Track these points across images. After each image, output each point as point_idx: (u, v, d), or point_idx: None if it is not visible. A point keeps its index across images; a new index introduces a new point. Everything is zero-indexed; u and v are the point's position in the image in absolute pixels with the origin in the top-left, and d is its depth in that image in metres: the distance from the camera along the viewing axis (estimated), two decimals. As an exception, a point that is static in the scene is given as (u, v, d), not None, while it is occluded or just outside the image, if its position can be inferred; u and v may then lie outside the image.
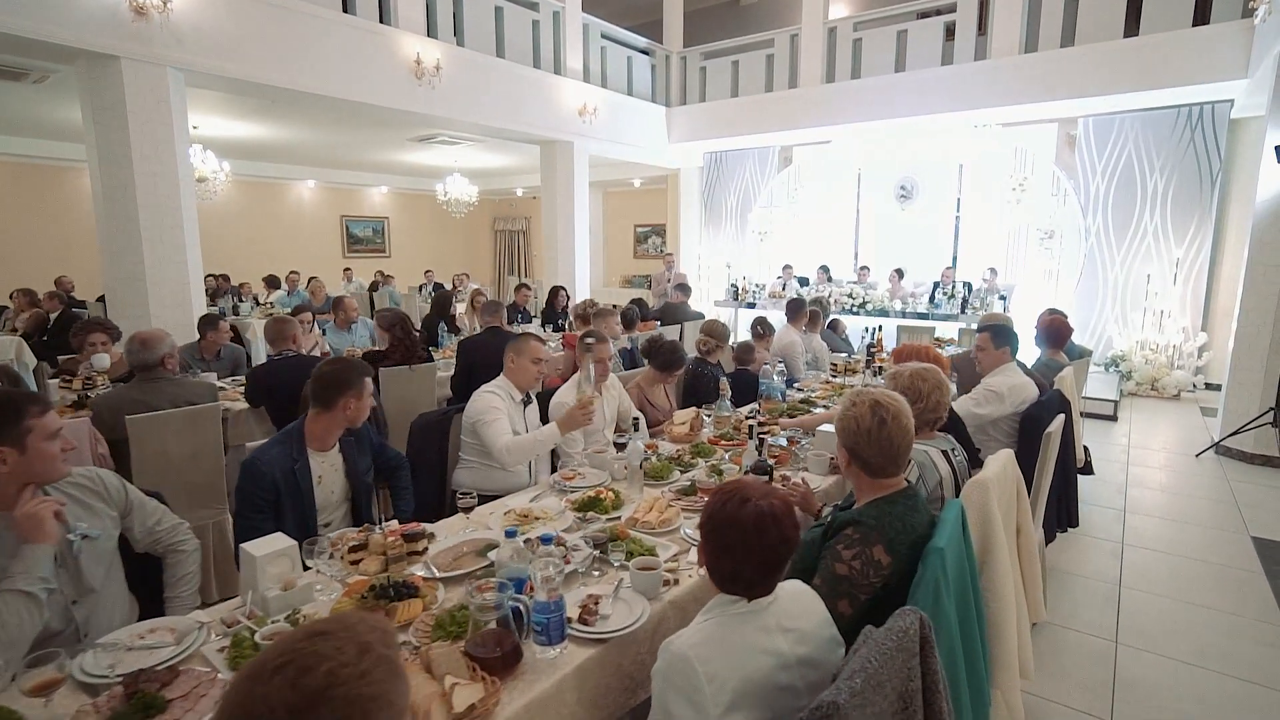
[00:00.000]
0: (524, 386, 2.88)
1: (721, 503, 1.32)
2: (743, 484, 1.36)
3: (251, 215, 13.22)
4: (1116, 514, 4.19)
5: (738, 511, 1.28)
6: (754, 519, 1.27)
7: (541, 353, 2.88)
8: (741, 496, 1.30)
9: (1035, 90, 7.54)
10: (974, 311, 7.08)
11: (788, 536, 1.29)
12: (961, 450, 2.33)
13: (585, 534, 1.97)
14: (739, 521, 1.28)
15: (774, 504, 1.29)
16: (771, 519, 1.27)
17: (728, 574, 1.32)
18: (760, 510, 1.28)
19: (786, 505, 1.32)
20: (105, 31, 5.02)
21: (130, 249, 5.38)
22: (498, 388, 2.83)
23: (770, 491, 1.33)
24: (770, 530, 1.27)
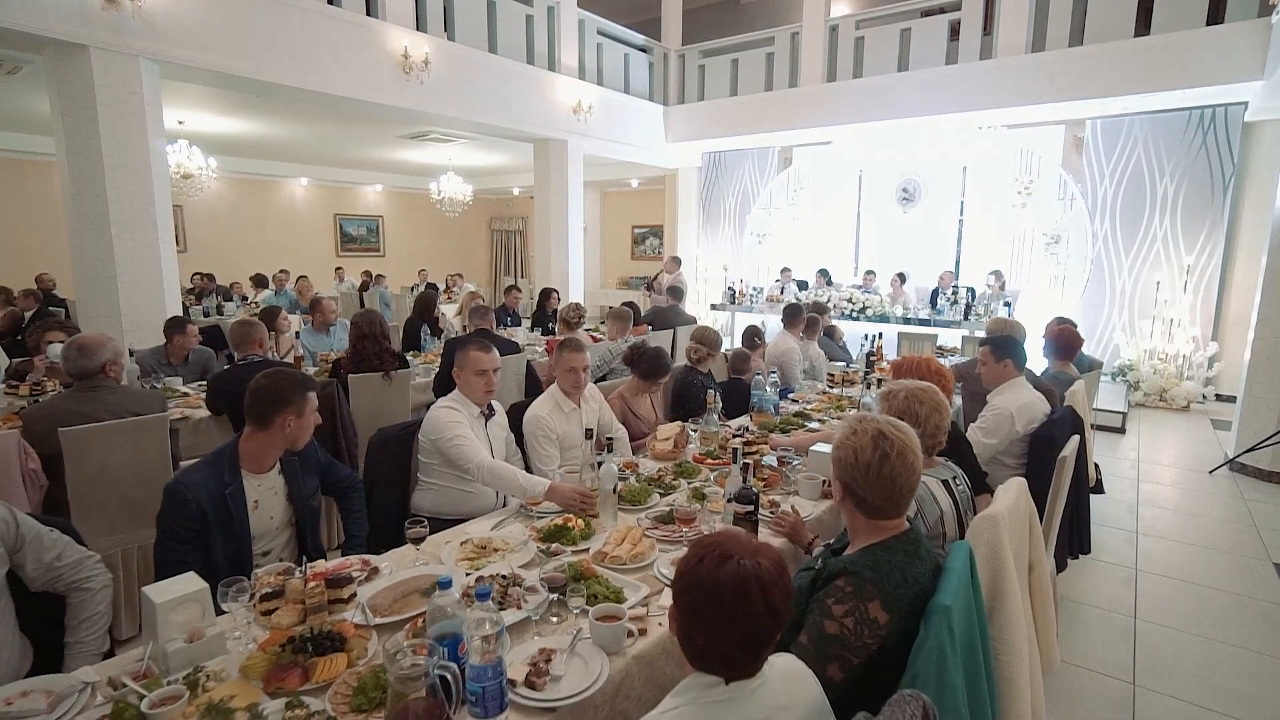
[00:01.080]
0: (477, 401, 2.63)
1: (697, 559, 1.09)
2: (725, 537, 1.13)
3: (242, 213, 13.01)
4: (1128, 536, 3.97)
5: (715, 572, 1.06)
6: (735, 583, 1.05)
7: (485, 363, 2.57)
8: (722, 553, 1.08)
9: (1041, 91, 7.32)
10: (978, 318, 6.85)
11: (776, 608, 1.06)
12: (964, 478, 2.11)
13: (544, 572, 1.75)
14: (717, 585, 1.05)
15: (761, 565, 1.07)
16: (757, 584, 1.05)
17: (701, 649, 1.09)
18: (743, 572, 1.05)
19: (778, 567, 1.09)
20: (73, 19, 4.81)
21: (99, 245, 5.17)
22: (455, 402, 2.59)
23: (758, 549, 1.10)
24: (754, 598, 1.04)
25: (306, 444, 2.19)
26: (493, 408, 2.69)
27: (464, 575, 1.84)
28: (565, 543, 2.07)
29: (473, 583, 1.76)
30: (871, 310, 7.54)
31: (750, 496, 2.02)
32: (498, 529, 2.23)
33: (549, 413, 2.89)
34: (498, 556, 1.98)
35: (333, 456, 3.47)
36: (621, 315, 5.02)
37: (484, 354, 2.58)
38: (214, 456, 1.98)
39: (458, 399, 2.59)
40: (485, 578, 1.77)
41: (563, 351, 2.98)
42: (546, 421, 2.86)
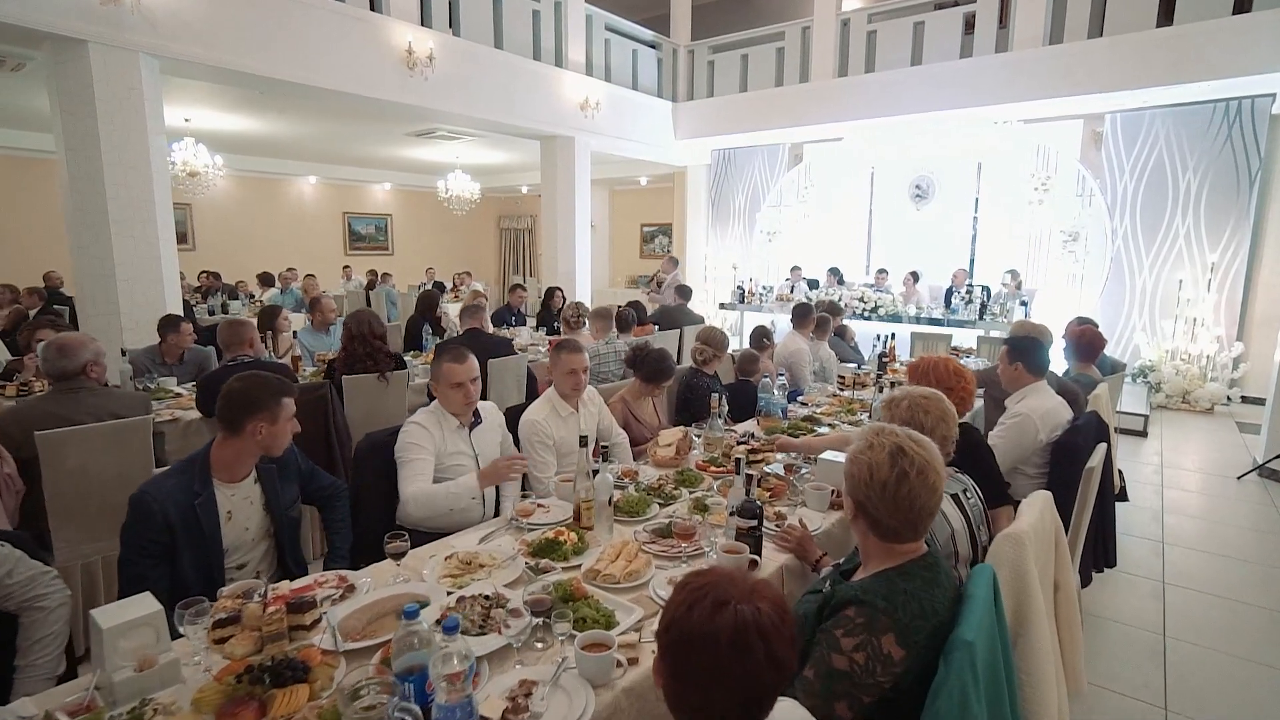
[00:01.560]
0: (456, 414, 2.45)
1: (686, 606, 0.95)
2: (717, 577, 0.99)
3: (251, 211, 13.00)
4: (1154, 546, 3.79)
5: (709, 622, 0.92)
6: (732, 634, 0.91)
7: (459, 375, 2.38)
8: (716, 598, 0.94)
9: (1059, 85, 7.12)
10: (993, 318, 6.66)
11: (779, 658, 0.92)
12: (975, 490, 1.96)
13: (530, 592, 1.63)
14: (711, 638, 0.91)
15: (761, 611, 0.93)
16: (757, 633, 0.91)
17: (694, 706, 0.95)
18: (741, 621, 0.92)
19: (779, 610, 0.95)
20: (72, 14, 4.75)
21: (98, 243, 5.10)
22: (428, 418, 2.42)
23: (755, 589, 0.97)
24: (755, 650, 0.91)
25: (286, 450, 2.08)
26: (479, 415, 2.53)
27: (445, 594, 1.72)
28: (556, 558, 1.94)
29: (454, 603, 1.64)
30: (884, 310, 7.36)
31: (754, 511, 1.89)
32: (486, 542, 2.11)
33: (545, 417, 2.77)
34: (483, 573, 1.86)
35: (326, 460, 3.40)
36: (603, 314, 4.83)
37: (457, 365, 2.38)
38: (184, 464, 1.87)
39: (433, 412, 2.44)
40: (467, 598, 1.64)
41: (560, 352, 2.86)
42: (542, 426, 2.73)
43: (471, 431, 2.49)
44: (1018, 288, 7.30)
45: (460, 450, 2.43)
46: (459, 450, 2.43)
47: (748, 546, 1.86)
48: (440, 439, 2.39)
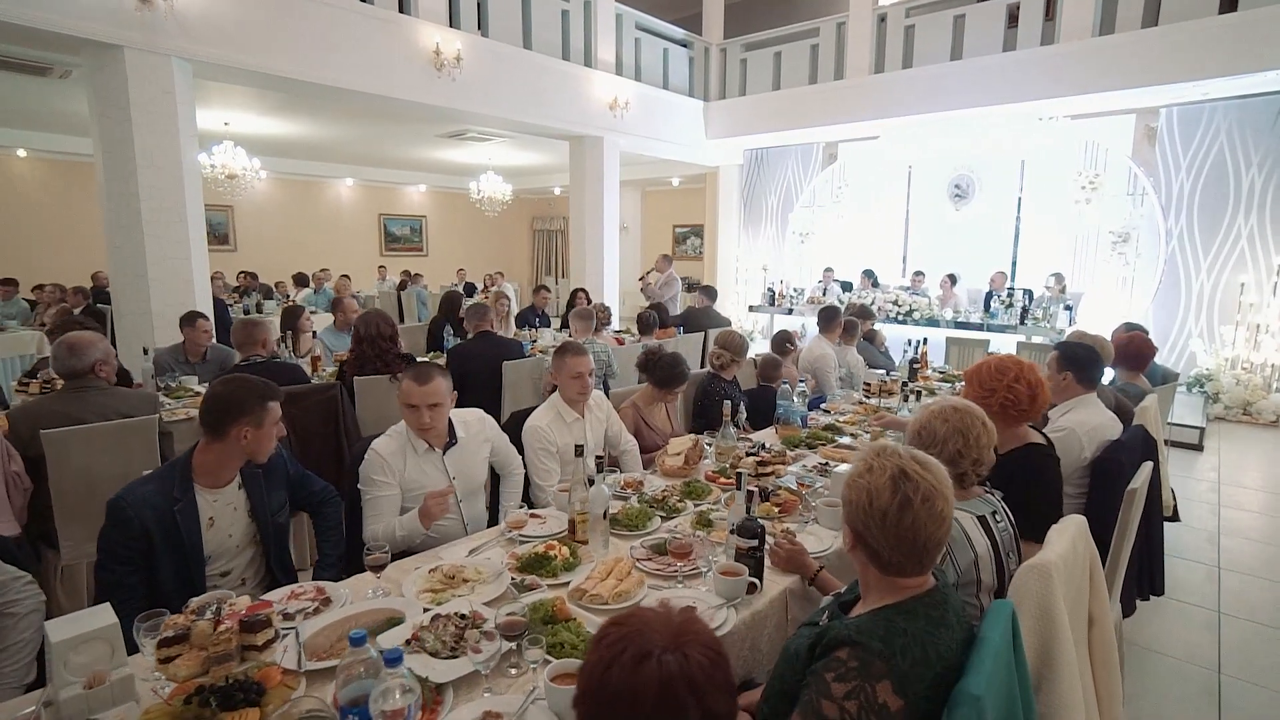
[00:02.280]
0: (419, 435, 2.25)
1: (604, 666, 0.83)
2: (638, 623, 0.86)
3: (290, 213, 13.29)
4: (1209, 572, 3.51)
5: (631, 679, 0.81)
6: (658, 691, 0.79)
7: (415, 397, 2.16)
8: (637, 651, 0.82)
9: (1110, 77, 6.75)
10: (1035, 323, 6.35)
11: (716, 713, 0.80)
12: (1006, 513, 1.79)
13: (508, 613, 1.52)
14: (633, 696, 0.80)
15: (690, 659, 0.81)
16: (687, 687, 0.79)
17: None
18: (667, 674, 0.80)
19: (713, 655, 0.83)
20: (109, 20, 4.85)
21: (131, 244, 5.21)
22: (390, 441, 2.22)
23: (682, 633, 0.84)
24: (685, 707, 0.79)
25: (273, 455, 2.03)
26: (454, 434, 2.34)
27: (421, 611, 1.63)
28: (543, 575, 1.84)
29: (428, 621, 1.55)
30: (919, 313, 7.09)
31: (754, 529, 1.75)
32: (475, 554, 2.02)
33: (549, 423, 2.67)
34: (466, 589, 1.77)
35: (335, 461, 3.37)
36: (585, 315, 4.69)
37: (415, 385, 2.17)
38: (165, 469, 1.82)
39: (398, 435, 2.25)
40: (441, 616, 1.55)
41: (565, 356, 2.76)
42: (545, 433, 2.64)
43: (446, 453, 2.31)
44: (1062, 291, 6.96)
45: (428, 476, 2.25)
46: (428, 475, 2.25)
47: (747, 568, 1.73)
48: (403, 465, 2.22)
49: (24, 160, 10.39)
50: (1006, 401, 2.17)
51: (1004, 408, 2.17)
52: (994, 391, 2.19)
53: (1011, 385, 2.18)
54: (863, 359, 4.73)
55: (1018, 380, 2.18)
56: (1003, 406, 2.17)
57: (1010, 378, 2.19)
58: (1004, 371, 2.21)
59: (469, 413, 2.55)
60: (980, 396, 2.21)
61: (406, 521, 2.13)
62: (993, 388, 2.19)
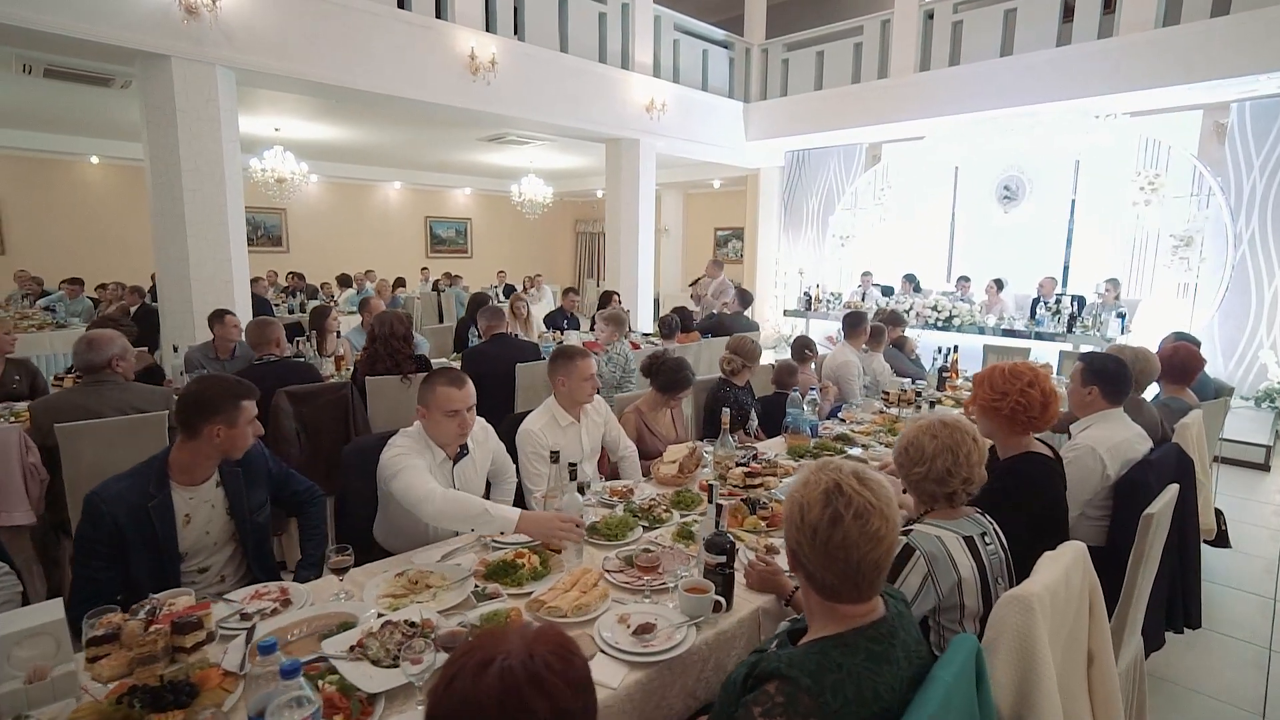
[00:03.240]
0: (445, 444, 2.21)
1: (448, 680, 0.78)
2: (485, 638, 0.81)
3: (340, 215, 13.72)
4: (1263, 605, 3.23)
5: (474, 689, 0.75)
6: (500, 695, 0.74)
7: (457, 401, 2.12)
8: (480, 659, 0.77)
9: (1175, 71, 6.34)
10: (1084, 331, 5.99)
11: (567, 711, 0.75)
12: (997, 535, 1.66)
13: (461, 623, 1.49)
14: (475, 706, 0.75)
15: (536, 657, 0.76)
16: (534, 686, 0.74)
17: None
18: (510, 678, 0.75)
19: (563, 653, 0.78)
20: (158, 31, 5.06)
21: (176, 244, 5.43)
22: (410, 441, 2.17)
23: (535, 639, 0.79)
24: (533, 708, 0.74)
25: (254, 453, 2.05)
26: (465, 447, 2.29)
27: (375, 616, 1.61)
28: (508, 583, 1.80)
29: (377, 628, 1.52)
30: (960, 319, 6.80)
31: (723, 546, 1.67)
32: (449, 558, 1.99)
33: (542, 427, 2.64)
34: (428, 595, 1.74)
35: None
36: (614, 319, 4.54)
37: (455, 390, 2.13)
38: (141, 466, 1.86)
39: (415, 439, 2.18)
40: (392, 623, 1.53)
41: (574, 359, 2.71)
42: (538, 437, 2.60)
43: (456, 465, 2.27)
44: (1116, 298, 6.56)
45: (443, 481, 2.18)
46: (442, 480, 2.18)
47: (714, 585, 1.65)
48: (427, 463, 2.16)
49: (96, 167, 11.03)
50: (1017, 407, 2.03)
51: (1014, 413, 2.04)
52: (1006, 395, 2.05)
53: (1025, 390, 2.04)
54: (889, 367, 4.54)
55: (1031, 386, 2.04)
56: (1013, 411, 2.04)
57: (1024, 382, 2.05)
58: (1018, 376, 2.08)
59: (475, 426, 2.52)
60: (991, 400, 2.08)
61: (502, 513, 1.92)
62: (1005, 391, 2.06)
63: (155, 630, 1.30)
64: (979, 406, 2.12)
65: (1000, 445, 2.14)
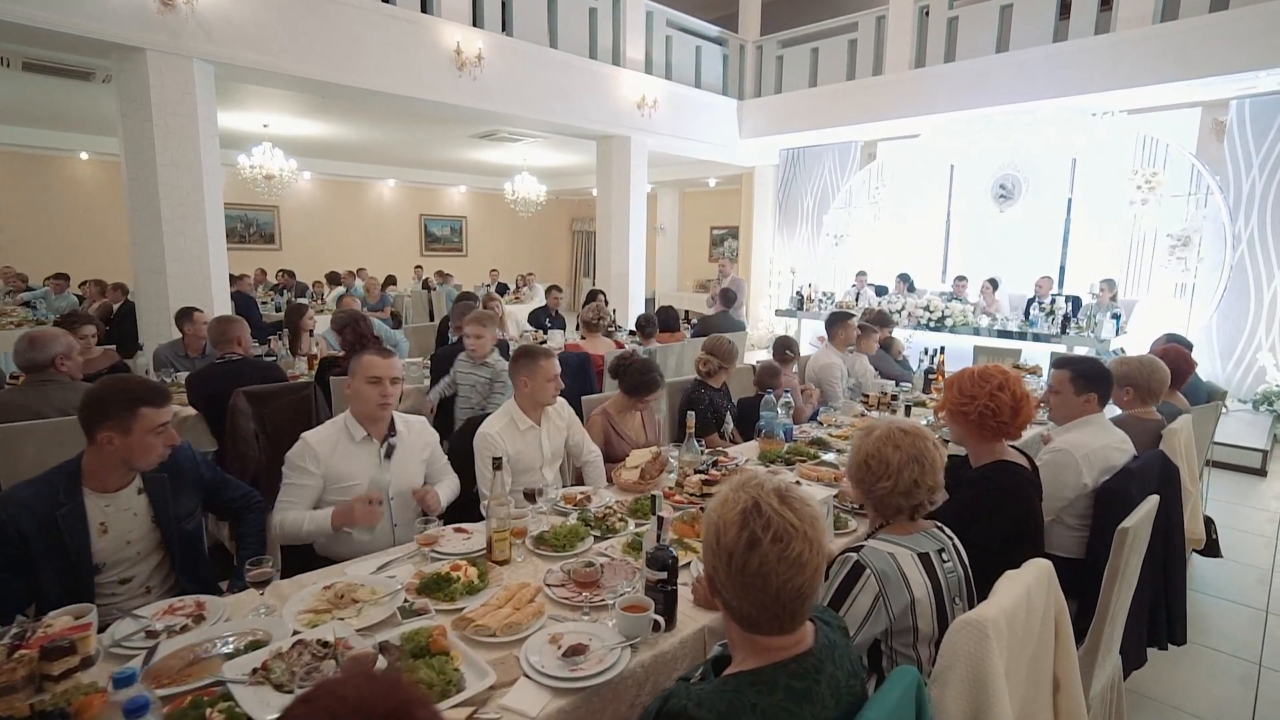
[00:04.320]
0: (368, 420, 2.20)
1: None
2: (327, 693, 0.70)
3: (334, 213, 13.62)
4: (1254, 617, 3.11)
5: None
6: None
7: (378, 369, 2.14)
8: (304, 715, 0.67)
9: (1173, 67, 6.22)
10: (1078, 332, 5.87)
11: None
12: (956, 552, 1.55)
13: (381, 643, 1.38)
14: None
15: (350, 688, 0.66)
16: None
17: None
18: None
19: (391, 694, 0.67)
20: (132, 24, 4.96)
21: (152, 241, 5.34)
22: (327, 429, 2.18)
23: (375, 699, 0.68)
24: None
25: (184, 459, 1.95)
26: (394, 429, 2.26)
27: (291, 634, 1.50)
28: (441, 598, 1.69)
29: (286, 648, 1.42)
30: (952, 320, 6.68)
31: (665, 561, 1.56)
32: (385, 569, 1.89)
33: (499, 430, 2.53)
34: (352, 610, 1.64)
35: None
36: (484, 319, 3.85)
37: (379, 359, 2.17)
38: (51, 472, 1.75)
39: (336, 425, 2.19)
40: (302, 643, 1.42)
41: (537, 359, 2.60)
42: (494, 440, 2.50)
43: (387, 454, 2.22)
44: (1112, 299, 6.43)
45: (358, 467, 2.16)
46: (358, 467, 2.17)
47: (654, 603, 1.55)
48: (331, 453, 2.13)
49: (86, 163, 10.95)
50: (986, 411, 1.92)
51: (982, 417, 1.93)
52: (974, 399, 1.95)
53: (994, 394, 1.93)
54: (874, 369, 4.43)
55: (1001, 389, 1.93)
56: (981, 416, 1.93)
57: (993, 385, 1.94)
58: (987, 379, 1.97)
59: (412, 416, 2.44)
60: (959, 404, 1.97)
61: (317, 518, 2.05)
62: (973, 394, 1.95)
63: (18, 657, 1.19)
64: (948, 411, 2.02)
65: (972, 453, 2.04)
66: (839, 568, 1.45)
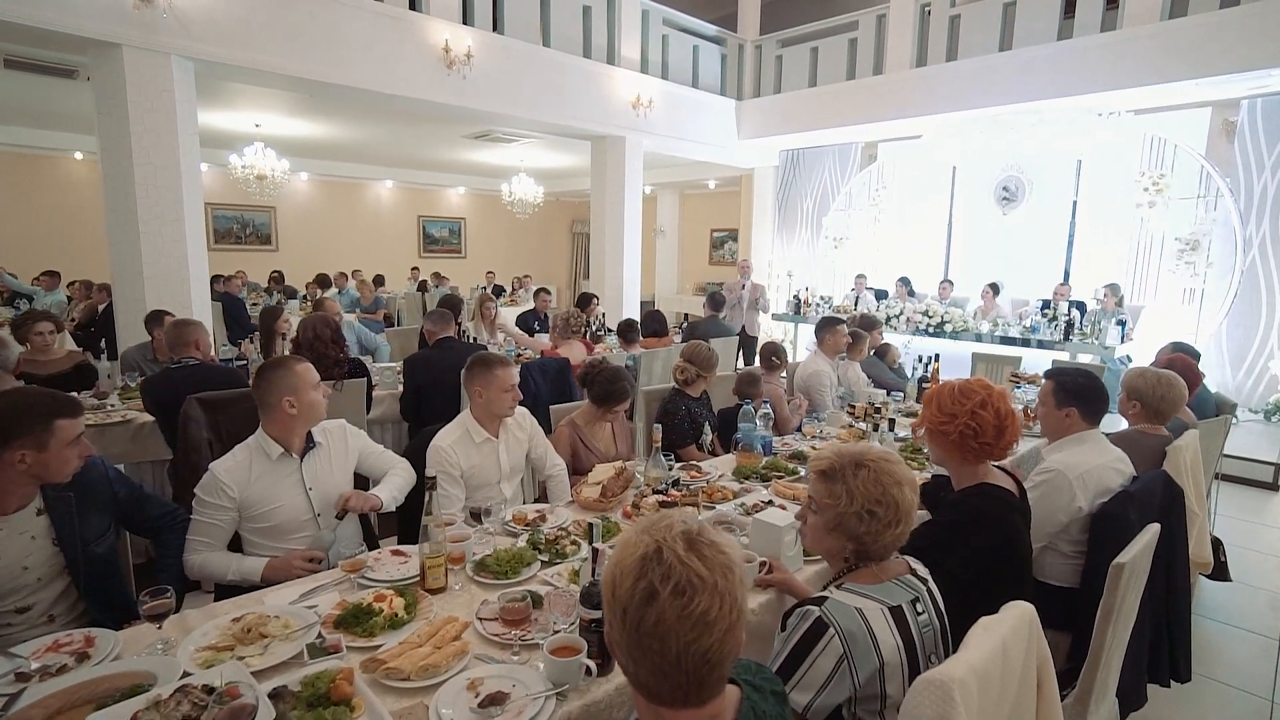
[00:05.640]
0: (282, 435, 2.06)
1: None
2: None
3: (331, 214, 13.51)
4: (1265, 646, 2.92)
5: None
6: None
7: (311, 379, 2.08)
8: None
9: (1181, 65, 6.02)
10: (1082, 339, 5.67)
11: None
12: (930, 599, 1.37)
13: (282, 686, 1.22)
14: None
15: None
16: None
17: None
18: None
19: None
20: (107, 19, 4.84)
21: (128, 241, 5.21)
22: (243, 451, 2.03)
23: None
24: None
25: (96, 475, 1.80)
26: (313, 441, 2.14)
27: (179, 677, 1.35)
28: (359, 633, 1.53)
29: (167, 694, 1.26)
30: (952, 326, 6.48)
31: (598, 599, 1.40)
32: (308, 597, 1.73)
33: (453, 443, 2.38)
34: (258, 648, 1.48)
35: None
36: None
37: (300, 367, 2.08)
38: (-63, 492, 1.60)
39: (252, 446, 2.05)
40: (188, 688, 1.26)
41: (493, 368, 2.45)
42: (447, 454, 2.34)
43: (303, 460, 2.09)
44: (1118, 304, 6.23)
45: (279, 488, 2.02)
46: (279, 487, 2.02)
47: (588, 645, 1.38)
48: (248, 485, 1.98)
49: (81, 162, 10.87)
50: (967, 431, 1.74)
51: (963, 438, 1.75)
52: (954, 417, 1.77)
53: (975, 412, 1.74)
54: (865, 376, 4.25)
55: (983, 407, 1.75)
56: (962, 436, 1.75)
57: (975, 403, 1.76)
58: (969, 395, 1.78)
59: (329, 422, 2.27)
60: (938, 423, 1.80)
61: (245, 569, 1.90)
62: (953, 413, 1.77)
63: None
64: (926, 430, 1.84)
65: (954, 475, 1.87)
66: (798, 621, 1.27)
